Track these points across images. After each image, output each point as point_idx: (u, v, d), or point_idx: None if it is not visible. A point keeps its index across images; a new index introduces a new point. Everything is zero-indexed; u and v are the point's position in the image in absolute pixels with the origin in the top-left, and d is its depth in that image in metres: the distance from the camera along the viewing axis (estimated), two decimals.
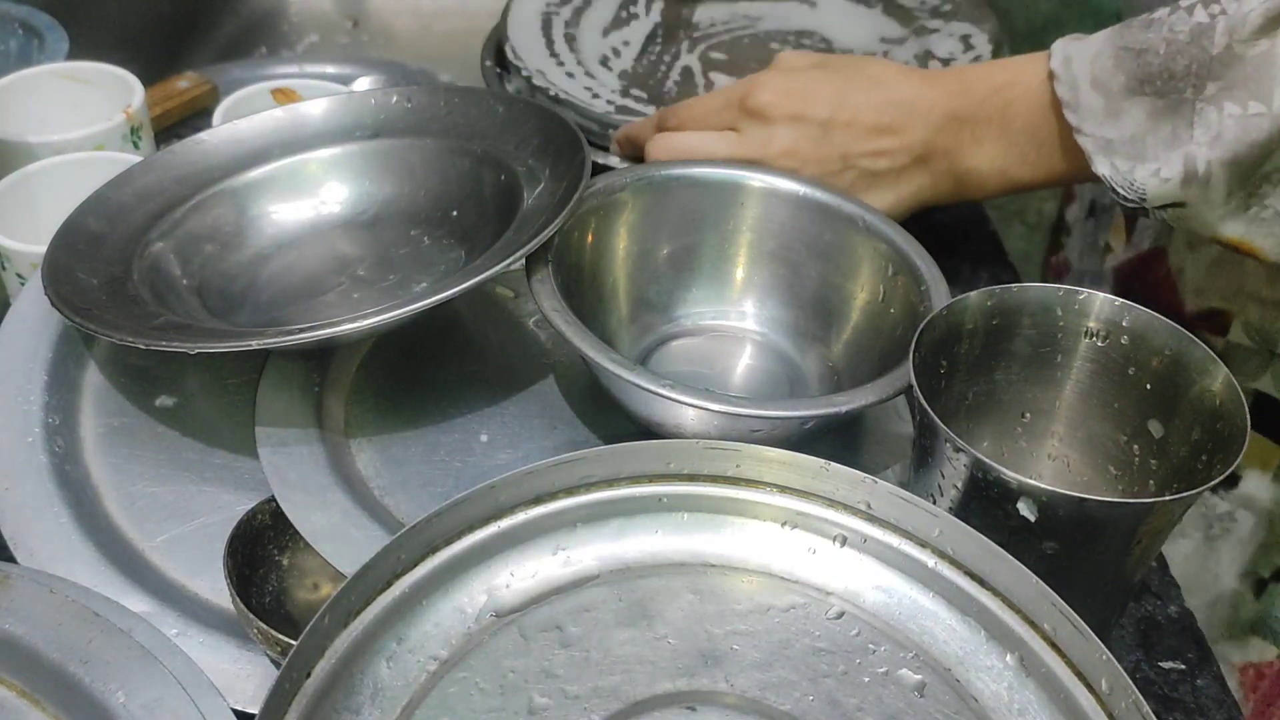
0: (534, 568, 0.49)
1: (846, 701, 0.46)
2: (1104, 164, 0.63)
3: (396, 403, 0.62)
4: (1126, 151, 0.62)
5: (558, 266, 0.59)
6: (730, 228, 0.67)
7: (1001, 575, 0.47)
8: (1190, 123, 0.59)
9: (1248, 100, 0.58)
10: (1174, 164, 0.60)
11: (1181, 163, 0.60)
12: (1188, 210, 0.61)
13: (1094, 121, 0.63)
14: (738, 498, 0.51)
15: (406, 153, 0.70)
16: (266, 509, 0.54)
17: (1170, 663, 0.57)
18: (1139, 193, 0.62)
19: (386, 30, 1.16)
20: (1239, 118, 0.58)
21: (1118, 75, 0.62)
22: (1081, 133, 0.63)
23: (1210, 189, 0.60)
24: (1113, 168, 0.62)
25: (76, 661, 0.46)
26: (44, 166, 0.72)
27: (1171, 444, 0.54)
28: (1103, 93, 0.62)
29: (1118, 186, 0.62)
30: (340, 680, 0.43)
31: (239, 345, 0.55)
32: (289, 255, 0.68)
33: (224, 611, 0.53)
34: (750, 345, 0.68)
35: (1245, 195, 0.60)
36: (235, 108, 0.80)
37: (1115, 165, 0.62)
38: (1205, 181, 0.60)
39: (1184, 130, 0.60)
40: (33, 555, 0.54)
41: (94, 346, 0.63)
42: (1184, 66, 0.60)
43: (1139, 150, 0.61)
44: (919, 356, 0.53)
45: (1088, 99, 0.63)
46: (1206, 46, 0.59)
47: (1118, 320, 0.55)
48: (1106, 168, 0.62)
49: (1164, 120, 0.60)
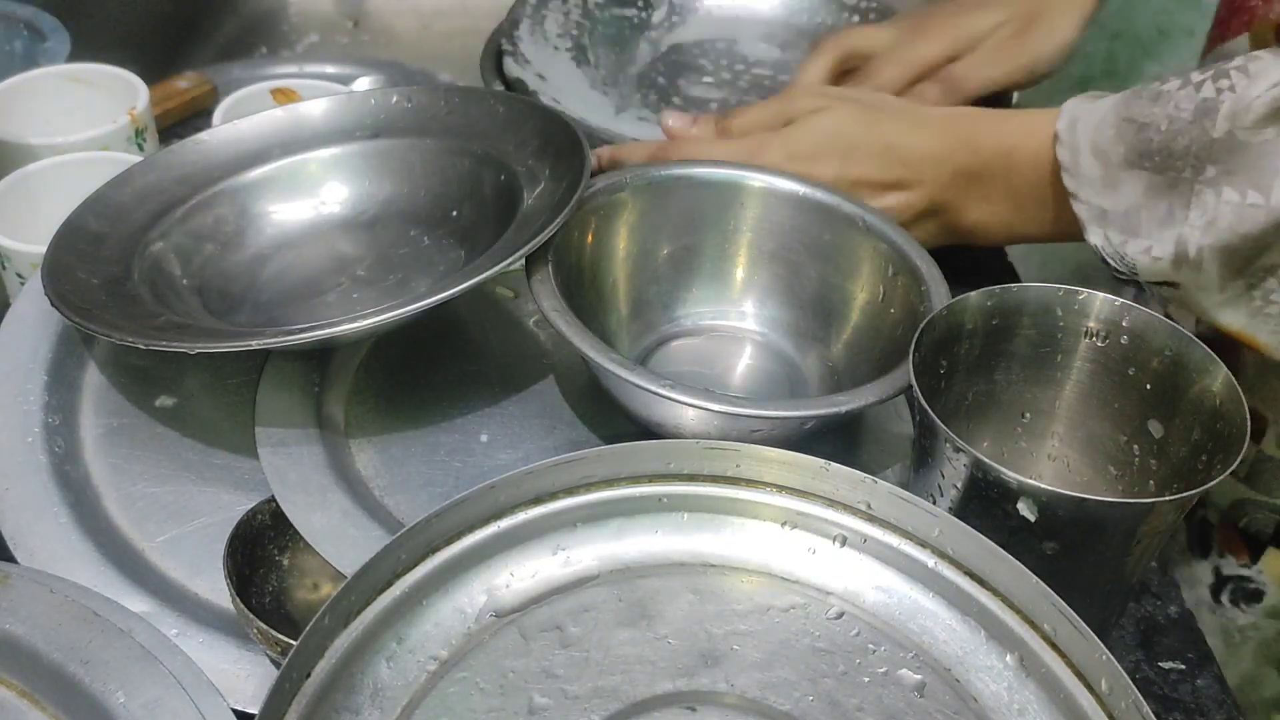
0: (534, 568, 0.49)
1: (846, 701, 0.46)
2: (1097, 234, 0.62)
3: (396, 403, 0.62)
4: (1120, 224, 0.61)
5: (558, 266, 0.59)
6: (730, 228, 0.67)
7: (1001, 575, 0.47)
8: (1187, 203, 0.59)
9: (1246, 189, 0.57)
10: (1166, 244, 0.59)
11: (1173, 244, 0.59)
12: (1181, 292, 0.61)
13: (1091, 189, 0.62)
14: (738, 498, 0.51)
15: (406, 153, 0.70)
16: (266, 509, 0.54)
17: (1170, 663, 0.57)
18: (1130, 267, 0.61)
19: (386, 30, 1.16)
20: (1236, 205, 0.57)
21: (1118, 146, 0.61)
22: (1078, 199, 0.63)
23: (1202, 274, 0.59)
24: (1105, 239, 0.62)
25: (76, 661, 0.46)
26: (44, 166, 0.72)
27: (1171, 444, 0.54)
28: (1102, 161, 0.62)
29: (1109, 259, 0.62)
30: (340, 680, 0.43)
31: (239, 345, 0.55)
32: (289, 255, 0.68)
33: (224, 611, 0.53)
34: (750, 345, 0.68)
35: (1244, 285, 0.59)
36: (235, 108, 0.80)
37: (1108, 236, 0.62)
38: (1197, 266, 0.59)
39: (1180, 210, 0.59)
40: (33, 555, 0.54)
41: (94, 346, 0.63)
42: (1184, 146, 0.59)
43: (1133, 225, 0.60)
44: (919, 356, 0.53)
45: (1087, 166, 0.62)
46: (1208, 128, 0.58)
47: (1118, 320, 0.55)
48: (1099, 238, 0.62)
49: (1160, 197, 0.60)
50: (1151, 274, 0.60)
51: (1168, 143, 0.59)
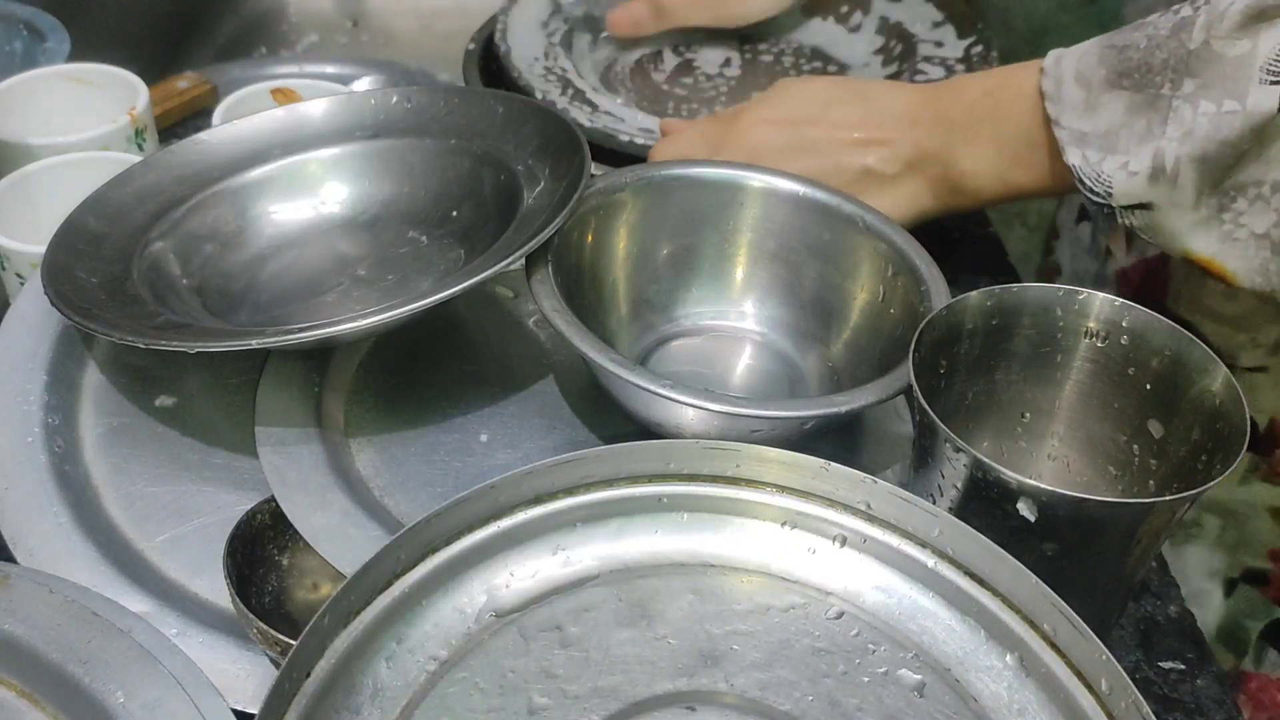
0: (534, 568, 0.49)
1: (846, 701, 0.46)
2: (1075, 154, 0.62)
3: (396, 403, 0.62)
4: (1098, 144, 0.61)
5: (558, 266, 0.59)
6: (730, 228, 0.67)
7: (1001, 575, 0.47)
8: (1164, 118, 0.59)
9: (1223, 98, 0.57)
10: (1143, 158, 0.60)
11: (1150, 157, 0.59)
12: (1154, 214, 0.61)
13: (1073, 114, 0.63)
14: (738, 498, 0.51)
15: (406, 153, 0.70)
16: (266, 509, 0.54)
17: (1170, 663, 0.57)
18: (1106, 186, 0.61)
19: (386, 30, 1.16)
20: (1212, 115, 0.57)
21: (1099, 70, 0.62)
22: (1059, 124, 0.63)
23: (1178, 189, 0.59)
24: (1083, 159, 0.62)
25: (76, 661, 0.46)
26: (44, 166, 0.72)
27: (1171, 444, 0.54)
28: (1084, 86, 0.62)
29: (1086, 178, 0.62)
30: (340, 680, 0.43)
31: (239, 345, 0.55)
32: (289, 255, 0.68)
33: (224, 611, 0.53)
34: (750, 345, 0.68)
35: (1215, 205, 0.59)
36: (235, 108, 0.80)
37: (1086, 156, 0.62)
38: (1173, 179, 0.59)
39: (1157, 125, 0.59)
40: (33, 555, 0.54)
41: (94, 346, 0.63)
42: (1161, 61, 0.59)
43: (1111, 143, 0.61)
44: (919, 356, 0.53)
45: (1069, 92, 0.63)
46: (1185, 41, 0.58)
47: (1117, 320, 0.55)
48: (1077, 158, 0.62)
49: (1139, 115, 0.60)
50: (1127, 193, 0.61)
51: (1146, 59, 0.60)
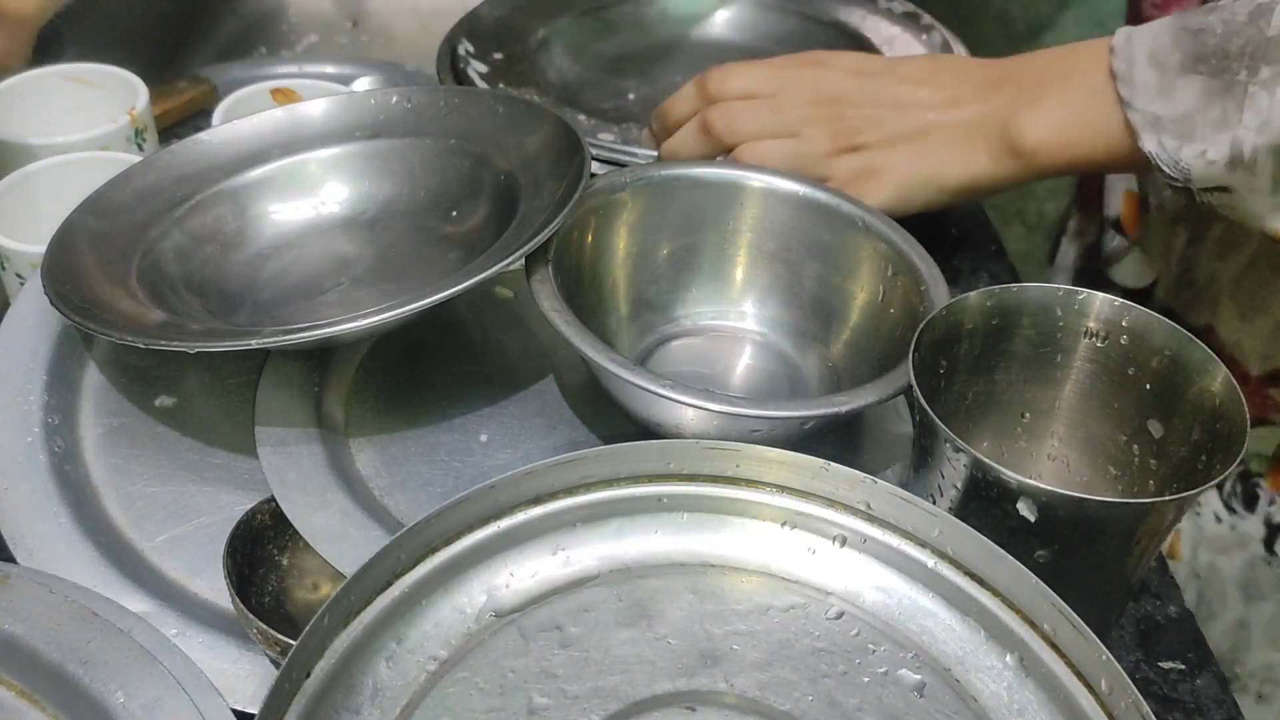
0: (534, 568, 0.49)
1: (846, 701, 0.46)
2: (1151, 140, 0.62)
3: (396, 403, 0.62)
4: (1175, 130, 0.61)
5: (558, 266, 0.59)
6: (730, 228, 0.67)
7: (1001, 575, 0.47)
8: (1240, 105, 0.59)
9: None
10: (1221, 146, 0.59)
11: (1228, 145, 0.59)
12: (1234, 197, 0.61)
13: (1146, 97, 0.62)
14: (738, 498, 0.51)
15: (406, 153, 0.70)
16: (266, 509, 0.54)
17: (1170, 663, 0.57)
18: (1184, 172, 0.61)
19: (386, 30, 1.16)
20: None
21: (1174, 53, 0.61)
22: (1132, 107, 0.63)
23: (1256, 175, 0.59)
24: (1159, 145, 0.62)
25: (76, 661, 0.46)
26: (44, 166, 0.72)
27: (1171, 444, 0.54)
28: (1158, 69, 0.62)
29: (1163, 165, 0.62)
30: (340, 680, 0.43)
31: (238, 345, 0.55)
32: (289, 255, 0.68)
33: (224, 611, 0.53)
34: (750, 345, 0.68)
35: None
36: (235, 108, 0.80)
37: (1162, 143, 0.61)
38: (1251, 167, 0.59)
39: (1234, 113, 0.59)
40: (32, 555, 0.54)
41: (94, 346, 0.63)
42: (1239, 47, 0.59)
43: (1187, 130, 0.60)
44: (919, 356, 0.53)
45: (1142, 74, 0.62)
46: (1263, 28, 0.58)
47: (1117, 320, 0.55)
48: (1153, 144, 0.62)
49: (1215, 101, 0.60)
50: (1205, 178, 0.61)
51: (1223, 44, 0.59)
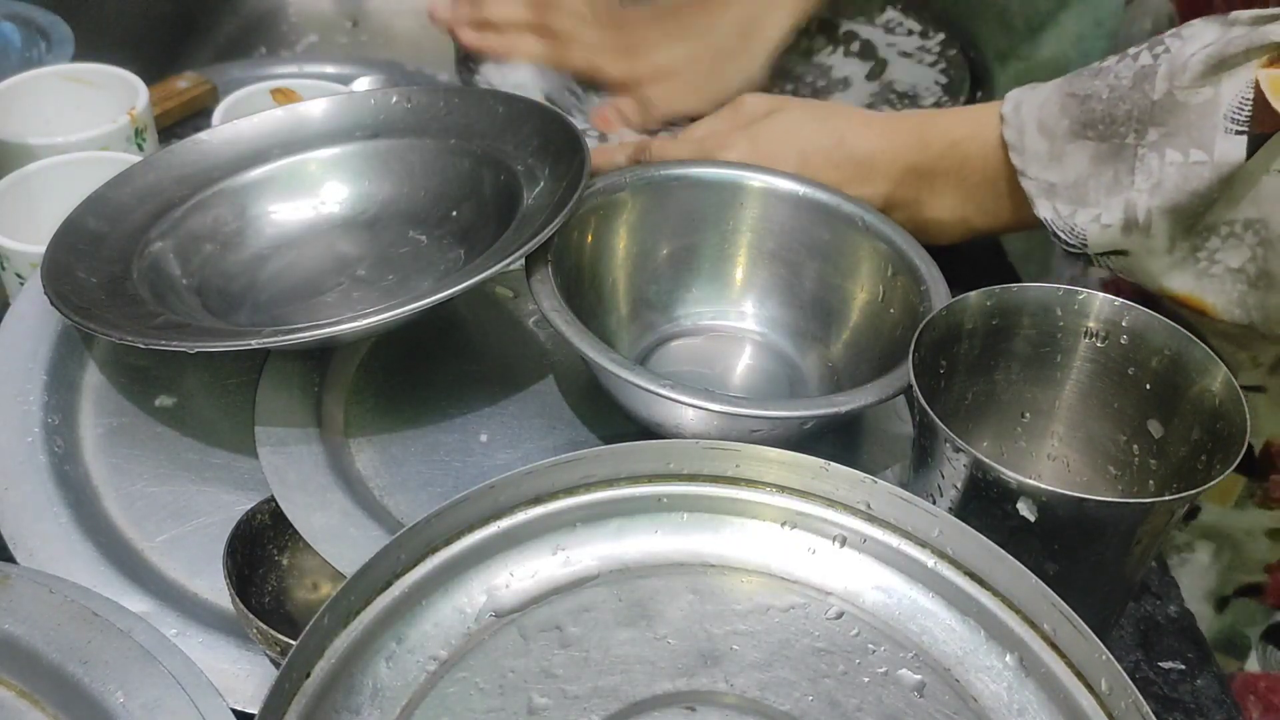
0: (534, 568, 0.49)
1: (846, 701, 0.46)
2: (1046, 208, 0.62)
3: (396, 403, 0.62)
4: (1068, 196, 0.61)
5: (558, 266, 0.59)
6: (730, 228, 0.67)
7: (1001, 575, 0.47)
8: (1132, 169, 0.59)
9: (1189, 147, 0.57)
10: (1114, 210, 0.59)
11: (1122, 209, 0.59)
12: (1130, 260, 0.61)
13: (1038, 165, 0.62)
14: (738, 498, 0.51)
15: (406, 153, 0.70)
16: (266, 509, 0.54)
17: (1170, 663, 0.57)
18: (1080, 238, 0.61)
19: (386, 30, 1.16)
20: (1180, 165, 0.57)
21: (1062, 120, 0.61)
22: (1025, 175, 0.63)
23: (1151, 238, 0.59)
24: (1054, 212, 0.62)
25: (76, 661, 0.46)
26: (44, 166, 0.72)
27: (1171, 444, 0.54)
28: (1047, 137, 0.62)
29: (1059, 231, 0.62)
30: (340, 680, 0.43)
31: (238, 345, 0.55)
32: (289, 255, 0.68)
33: (224, 611, 0.53)
34: (750, 345, 0.68)
35: (1189, 247, 0.59)
36: (235, 108, 0.80)
37: (1057, 209, 0.62)
38: (1146, 229, 0.59)
39: (1125, 176, 0.59)
40: (32, 555, 0.54)
41: (94, 346, 0.63)
42: (1125, 111, 0.59)
43: (1080, 195, 0.61)
44: (919, 356, 0.53)
45: (1033, 143, 0.63)
46: (1148, 91, 0.58)
47: (1117, 320, 0.55)
48: (1048, 211, 0.62)
49: (1106, 165, 0.60)
50: (1101, 243, 0.61)
51: (1109, 110, 0.60)
